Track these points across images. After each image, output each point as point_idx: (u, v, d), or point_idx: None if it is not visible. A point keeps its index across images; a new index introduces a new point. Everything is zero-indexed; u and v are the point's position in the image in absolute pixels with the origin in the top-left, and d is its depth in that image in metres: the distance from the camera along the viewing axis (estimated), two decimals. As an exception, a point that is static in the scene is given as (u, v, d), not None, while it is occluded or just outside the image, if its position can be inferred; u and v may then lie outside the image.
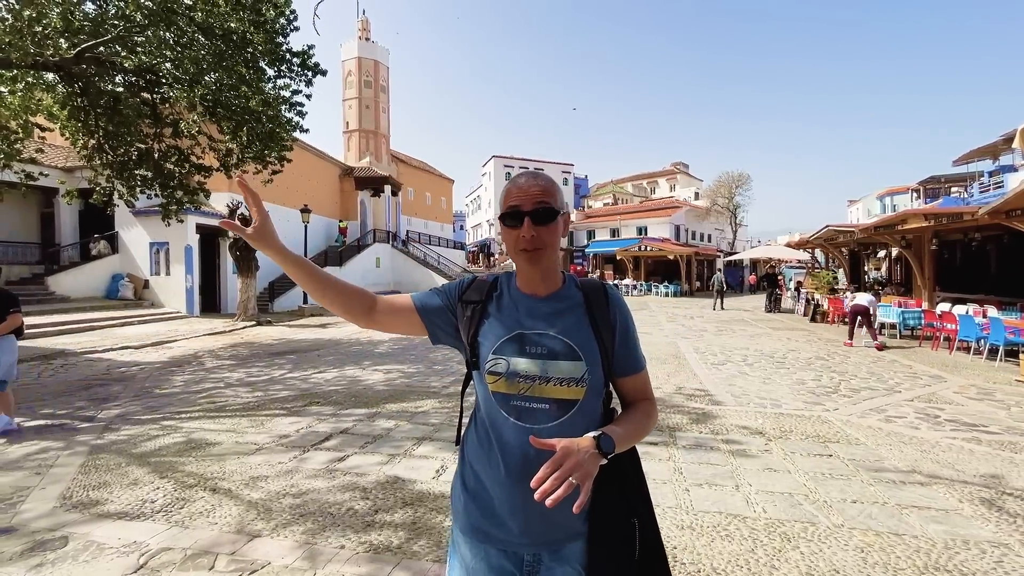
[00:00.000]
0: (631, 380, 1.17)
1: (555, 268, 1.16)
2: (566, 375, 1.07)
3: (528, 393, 1.08)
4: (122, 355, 9.88)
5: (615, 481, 1.07)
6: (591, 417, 1.10)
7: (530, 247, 1.08)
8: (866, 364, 8.17)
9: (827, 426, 4.81)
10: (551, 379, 1.08)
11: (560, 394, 1.07)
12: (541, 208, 1.08)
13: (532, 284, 1.16)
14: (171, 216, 10.17)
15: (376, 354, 9.41)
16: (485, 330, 1.14)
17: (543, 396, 1.07)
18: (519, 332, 1.11)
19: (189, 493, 3.33)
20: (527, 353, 1.09)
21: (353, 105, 34.90)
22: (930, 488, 3.41)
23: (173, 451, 4.17)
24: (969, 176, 28.13)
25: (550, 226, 1.09)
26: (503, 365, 1.10)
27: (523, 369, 1.09)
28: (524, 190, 1.09)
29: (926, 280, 13.00)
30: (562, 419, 1.07)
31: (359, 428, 4.75)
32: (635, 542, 1.05)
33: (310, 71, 8.65)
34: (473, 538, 1.12)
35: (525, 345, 1.10)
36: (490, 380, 1.11)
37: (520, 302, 1.15)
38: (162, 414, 5.42)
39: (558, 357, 1.08)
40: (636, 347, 1.18)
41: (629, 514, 1.07)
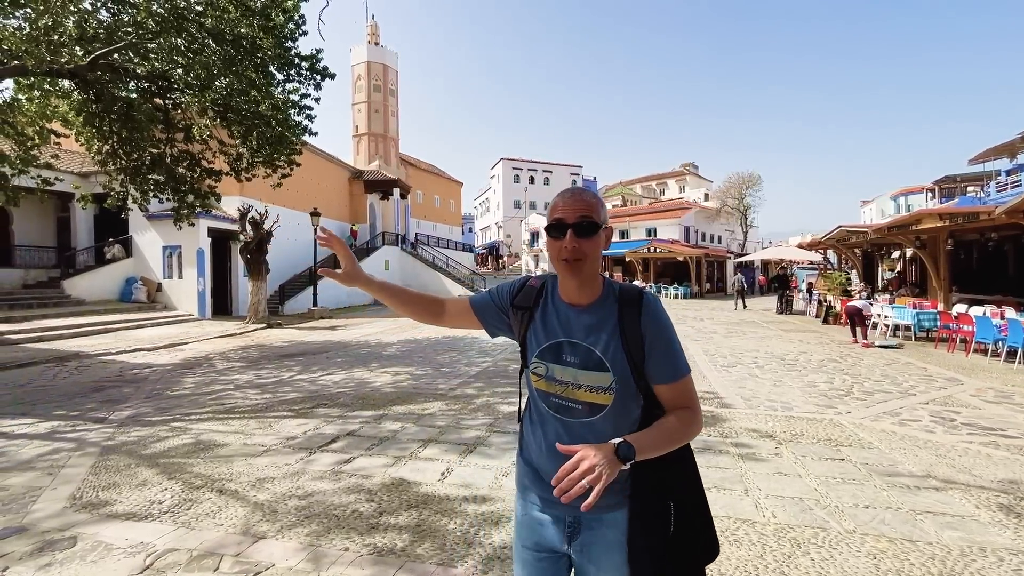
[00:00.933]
0: (666, 389, 1.21)
1: (594, 278, 1.23)
2: (595, 384, 1.18)
3: (563, 394, 1.22)
4: (135, 357, 10.00)
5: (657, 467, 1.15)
6: (623, 420, 1.20)
7: (571, 257, 1.16)
8: (880, 367, 8.04)
9: (839, 430, 4.73)
10: (582, 386, 1.19)
11: (590, 399, 1.19)
12: (584, 221, 1.16)
13: (571, 293, 1.24)
14: (183, 220, 10.31)
15: (384, 356, 9.43)
16: (531, 335, 1.28)
17: (576, 399, 1.20)
18: (556, 341, 1.23)
19: (196, 494, 3.35)
20: (563, 361, 1.21)
21: (362, 109, 35.15)
22: (945, 493, 3.33)
23: (182, 452, 4.20)
24: (986, 175, 27.62)
25: (592, 239, 1.17)
26: (543, 369, 1.24)
27: (559, 375, 1.22)
28: (569, 204, 1.18)
29: (941, 281, 12.77)
30: (592, 419, 1.20)
31: (365, 430, 4.75)
32: (670, 522, 1.15)
33: (319, 75, 8.73)
34: (524, 496, 1.31)
35: (562, 353, 1.22)
36: (534, 379, 1.26)
37: (560, 311, 1.25)
38: (172, 415, 5.47)
39: (588, 367, 1.19)
40: (669, 357, 1.20)
41: (665, 496, 1.16)
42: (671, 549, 1.16)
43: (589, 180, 61.95)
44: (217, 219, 17.79)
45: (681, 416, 1.19)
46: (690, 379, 1.22)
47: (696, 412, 1.21)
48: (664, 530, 1.15)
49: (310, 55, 8.58)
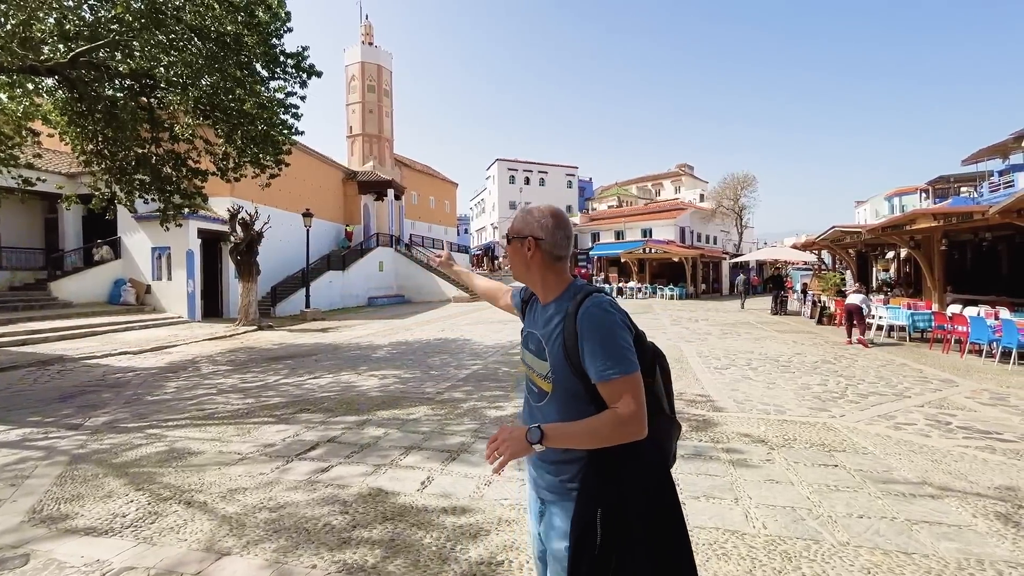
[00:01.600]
0: (598, 387, 1.24)
1: (541, 282, 1.40)
2: (539, 371, 1.36)
3: (529, 377, 1.43)
4: (120, 361, 9.82)
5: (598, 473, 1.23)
6: (566, 409, 1.30)
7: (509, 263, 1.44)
8: (874, 368, 7.95)
9: (833, 434, 4.62)
10: (534, 371, 1.39)
11: (539, 384, 1.37)
12: (508, 235, 1.43)
13: (538, 293, 1.44)
14: (169, 221, 10.13)
15: (373, 359, 9.28)
16: (523, 325, 1.51)
17: (534, 383, 1.40)
18: (528, 331, 1.46)
19: (162, 507, 3.20)
20: (528, 348, 1.43)
21: (356, 109, 34.95)
22: (942, 501, 3.22)
23: (153, 461, 4.05)
24: (979, 175, 27.71)
25: (510, 246, 1.43)
26: (521, 354, 1.50)
27: (526, 359, 1.45)
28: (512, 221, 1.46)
29: (936, 281, 12.72)
30: (540, 404, 1.37)
31: (347, 436, 4.61)
32: (596, 531, 1.17)
33: (305, 73, 8.57)
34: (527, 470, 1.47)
35: (528, 342, 1.44)
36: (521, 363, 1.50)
37: (536, 306, 1.45)
38: (149, 422, 5.31)
39: (537, 355, 1.37)
40: (596, 357, 1.22)
41: (594, 503, 1.21)
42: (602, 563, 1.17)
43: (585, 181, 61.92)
44: (207, 220, 17.59)
45: (607, 414, 1.20)
46: (624, 382, 1.20)
47: (626, 414, 1.18)
48: (589, 538, 1.18)
49: (296, 52, 8.42)
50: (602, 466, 1.23)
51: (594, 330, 1.24)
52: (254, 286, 15.88)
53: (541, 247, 1.36)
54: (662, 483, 1.25)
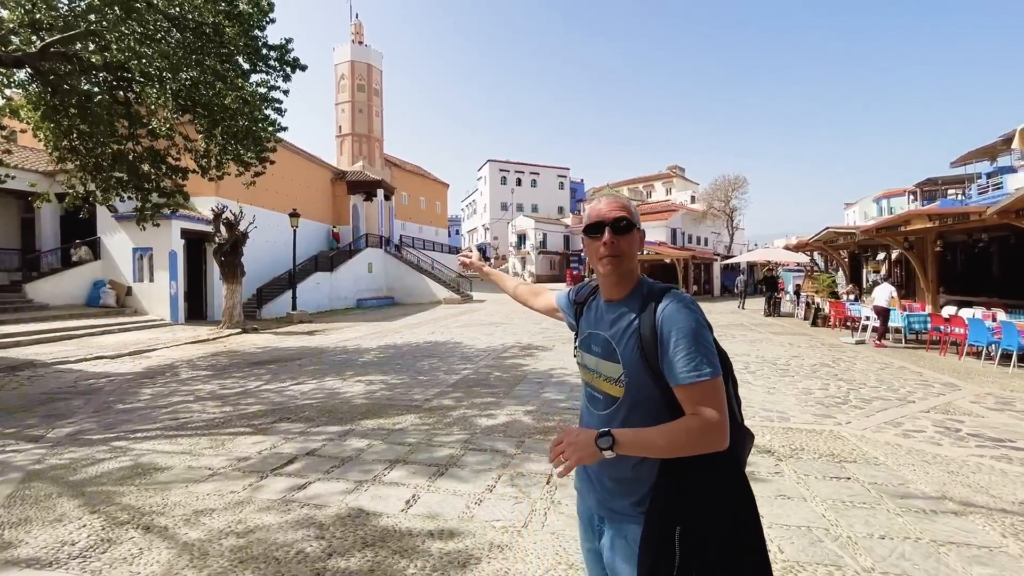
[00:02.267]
0: (678, 391, 1.14)
1: (630, 276, 1.28)
2: (608, 374, 1.24)
3: (592, 383, 1.32)
4: (95, 366, 9.41)
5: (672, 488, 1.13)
6: (637, 416, 1.20)
7: (609, 253, 1.24)
8: (874, 371, 7.79)
9: (841, 443, 4.41)
10: (601, 375, 1.26)
11: (607, 389, 1.25)
12: (622, 220, 1.24)
13: (607, 290, 1.31)
14: (147, 221, 9.74)
15: (360, 364, 8.96)
16: (580, 326, 1.39)
17: (599, 388, 1.28)
18: (590, 331, 1.34)
19: (118, 532, 2.89)
20: (591, 350, 1.31)
21: (346, 109, 34.52)
22: (966, 519, 3.00)
23: (115, 478, 3.73)
24: (967, 178, 27.93)
25: (627, 236, 1.25)
26: (579, 356, 1.36)
27: (587, 363, 1.32)
28: (606, 206, 1.27)
29: (929, 282, 12.66)
30: (608, 411, 1.25)
31: (327, 449, 4.31)
32: (674, 552, 1.08)
33: (289, 66, 8.24)
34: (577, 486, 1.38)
35: (591, 343, 1.31)
36: (578, 367, 1.38)
37: (599, 306, 1.33)
38: (116, 433, 4.97)
39: (606, 357, 1.25)
40: (679, 358, 1.12)
41: (671, 521, 1.10)
42: None
43: (576, 182, 61.87)
44: (191, 220, 17.14)
45: (687, 421, 1.10)
46: (709, 385, 1.10)
47: (709, 421, 1.08)
48: (667, 560, 1.09)
49: (280, 45, 8.09)
50: (679, 480, 1.13)
51: (679, 329, 1.14)
52: (239, 288, 15.46)
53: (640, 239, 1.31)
54: (742, 498, 1.15)
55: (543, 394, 6.29)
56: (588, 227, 1.27)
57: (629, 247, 1.25)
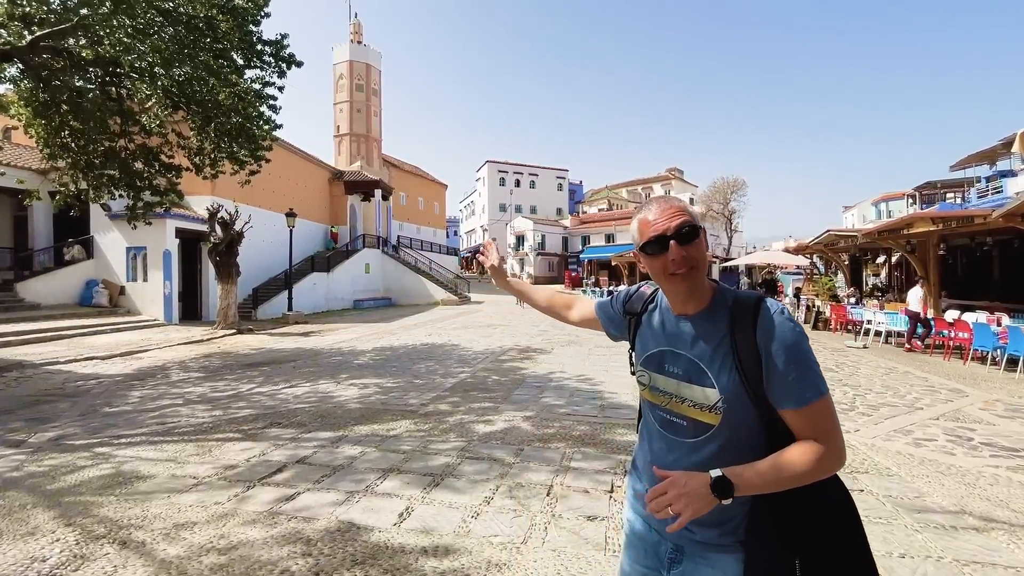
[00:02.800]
0: (791, 415, 1.02)
1: (703, 285, 1.11)
2: (699, 400, 1.08)
3: (668, 407, 1.14)
4: (84, 367, 9.22)
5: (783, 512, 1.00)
6: (734, 445, 1.06)
7: (680, 269, 1.06)
8: (879, 376, 7.65)
9: (851, 452, 4.26)
10: (685, 400, 1.10)
11: (695, 415, 1.09)
12: (685, 228, 1.06)
13: (678, 304, 1.14)
14: (139, 219, 9.55)
15: (355, 366, 8.79)
16: (637, 341, 1.23)
17: (681, 413, 1.11)
18: (659, 350, 1.16)
19: (92, 548, 2.72)
20: (665, 371, 1.14)
21: (344, 109, 34.37)
22: (988, 536, 2.86)
23: (94, 487, 3.56)
24: (966, 181, 27.92)
25: (696, 243, 1.07)
26: (646, 378, 1.18)
27: (661, 385, 1.15)
28: (663, 214, 1.08)
29: (931, 286, 12.54)
30: (698, 439, 1.09)
31: (319, 457, 4.14)
32: None
33: (284, 62, 8.07)
34: (633, 510, 1.24)
35: (664, 363, 1.14)
36: (640, 388, 1.21)
37: (667, 319, 1.17)
38: (100, 438, 4.79)
39: (692, 380, 1.09)
40: (792, 377, 1.00)
41: (788, 551, 0.99)
42: None
43: (575, 184, 61.82)
44: (186, 219, 16.96)
45: (805, 448, 0.98)
46: (823, 405, 1.00)
47: (830, 444, 0.99)
48: None
49: (275, 40, 7.93)
50: (794, 507, 1.00)
51: (788, 347, 1.02)
52: (234, 288, 15.28)
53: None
54: (855, 523, 1.03)
55: (542, 399, 6.13)
56: (646, 244, 1.09)
57: (700, 254, 1.08)
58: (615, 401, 6.02)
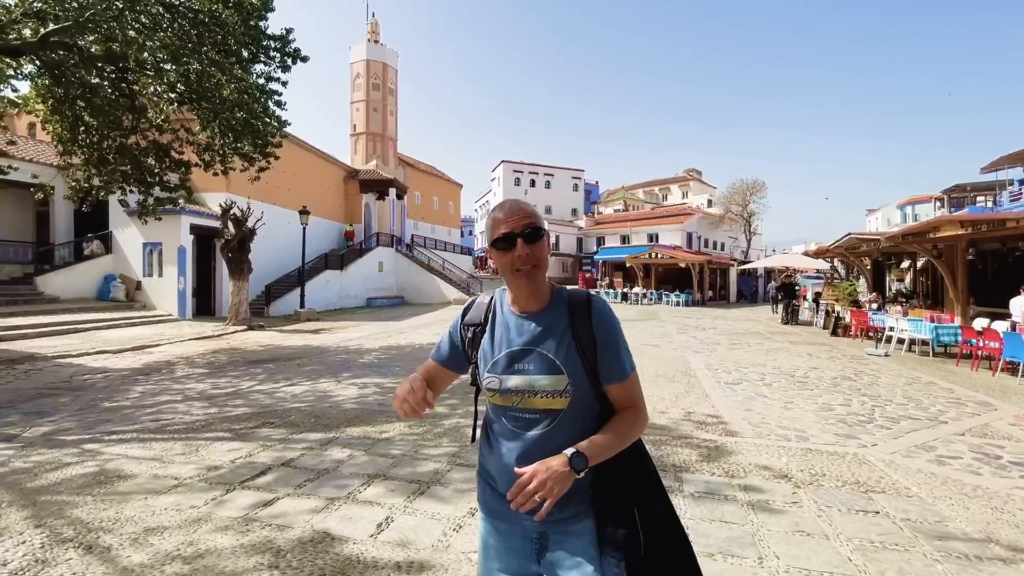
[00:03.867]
0: (616, 388, 1.22)
1: (544, 284, 1.24)
2: (550, 388, 1.18)
3: (519, 405, 1.22)
4: (95, 360, 9.31)
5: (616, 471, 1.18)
6: (579, 425, 1.20)
7: (525, 265, 1.19)
8: (900, 387, 7.28)
9: (867, 468, 3.98)
10: (537, 392, 1.19)
11: (546, 404, 1.19)
12: (530, 228, 1.18)
13: (523, 301, 1.25)
14: (149, 215, 9.62)
15: (359, 365, 8.71)
16: (482, 350, 1.29)
17: (532, 407, 1.20)
18: (508, 351, 1.23)
19: (56, 552, 2.62)
20: (515, 370, 1.22)
21: (361, 108, 34.54)
22: (1018, 568, 2.59)
23: (75, 486, 3.48)
24: (998, 184, 26.86)
25: (539, 243, 1.20)
26: (496, 382, 1.23)
27: (513, 385, 1.21)
28: (512, 216, 1.20)
29: (959, 292, 12.00)
30: (549, 427, 1.20)
31: (305, 459, 4.02)
32: (638, 530, 1.13)
33: (290, 57, 8.02)
34: (489, 519, 1.29)
35: (514, 363, 1.22)
36: (488, 395, 1.27)
37: (511, 322, 1.26)
38: (93, 434, 4.75)
39: (543, 371, 1.19)
40: (618, 356, 1.22)
41: (629, 502, 1.16)
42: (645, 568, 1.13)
43: (591, 184, 61.35)
44: (201, 216, 17.14)
45: (627, 417, 1.21)
46: (635, 378, 1.24)
47: (640, 410, 1.24)
48: (633, 538, 1.13)
49: (281, 35, 7.88)
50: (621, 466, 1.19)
51: (616, 330, 1.24)
52: (246, 284, 15.39)
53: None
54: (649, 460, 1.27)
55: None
56: (496, 239, 1.20)
57: (543, 254, 1.21)
58: (619, 407, 5.80)
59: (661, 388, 6.93)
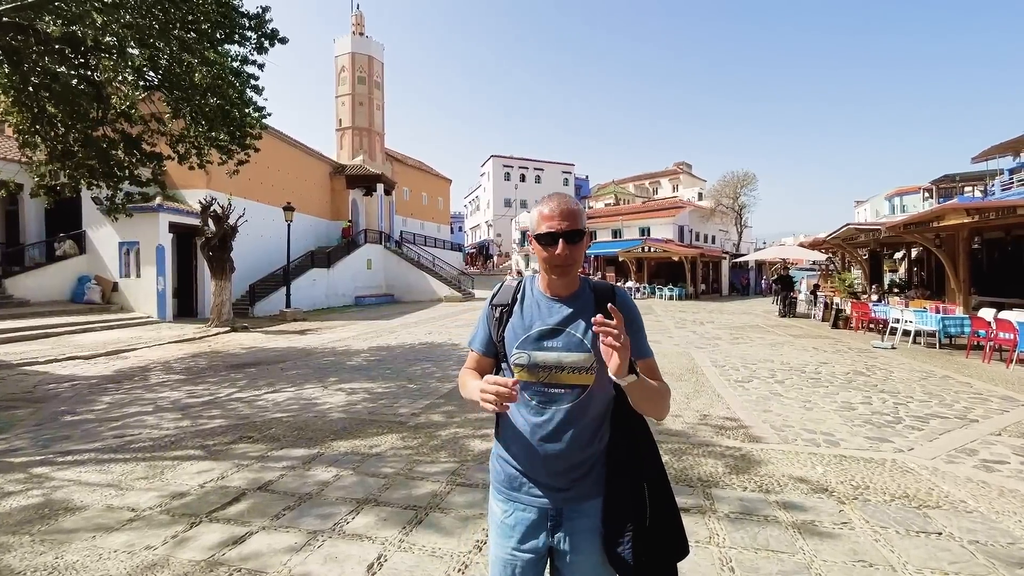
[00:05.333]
0: (641, 364, 1.27)
1: (577, 276, 1.36)
2: (577, 364, 1.27)
3: (547, 380, 1.29)
4: (64, 367, 8.71)
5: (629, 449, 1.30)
6: (602, 400, 1.32)
7: (563, 263, 1.28)
8: (916, 381, 6.97)
9: (911, 478, 3.61)
10: (565, 368, 1.28)
11: (573, 380, 1.28)
12: (574, 231, 1.27)
13: (555, 288, 1.35)
14: (118, 212, 8.98)
15: (347, 368, 8.21)
16: (511, 328, 1.36)
17: (560, 382, 1.29)
18: (538, 330, 1.32)
19: (-30, 616, 2.13)
20: (544, 347, 1.30)
21: (346, 102, 33.73)
22: (1124, 605, 2.21)
23: (12, 522, 2.98)
24: (988, 174, 26.89)
25: (579, 245, 1.29)
26: (525, 358, 1.31)
27: (542, 360, 1.29)
28: (558, 215, 1.27)
29: (961, 282, 11.78)
30: (576, 402, 1.28)
31: (285, 481, 3.55)
32: (645, 504, 1.26)
33: (267, 39, 7.45)
34: (507, 500, 1.35)
35: (543, 340, 1.31)
36: (516, 370, 1.32)
37: (541, 303, 1.36)
38: (45, 454, 4.23)
39: (571, 349, 1.28)
40: (641, 338, 1.31)
41: (638, 478, 1.28)
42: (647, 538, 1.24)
43: (581, 179, 60.97)
44: (180, 213, 16.45)
45: (662, 384, 1.29)
46: (654, 359, 1.34)
47: (666, 385, 1.31)
48: (640, 512, 1.25)
49: (256, 13, 7.29)
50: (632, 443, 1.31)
51: (635, 313, 1.33)
52: (228, 284, 14.74)
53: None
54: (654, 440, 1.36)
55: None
56: (540, 236, 1.28)
57: (580, 254, 1.30)
58: (629, 411, 5.39)
59: (670, 387, 6.53)
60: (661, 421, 1.40)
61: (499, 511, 1.36)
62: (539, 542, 1.30)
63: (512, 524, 1.32)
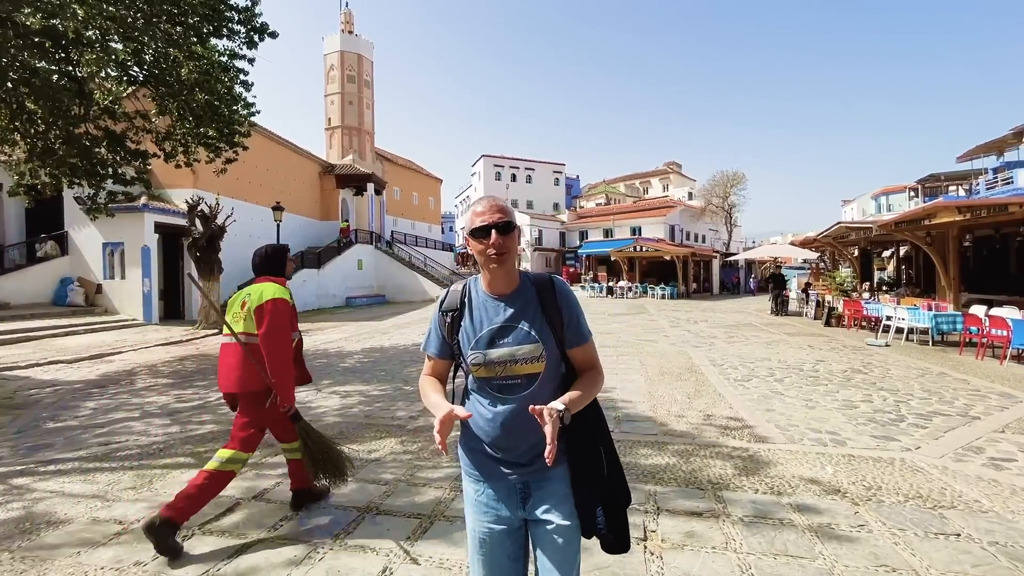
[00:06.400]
0: (579, 351, 1.48)
1: (514, 270, 1.47)
2: (529, 355, 1.41)
3: (503, 374, 1.41)
4: (46, 372, 8.45)
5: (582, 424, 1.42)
6: (553, 383, 1.46)
7: (497, 252, 1.39)
8: (914, 379, 6.97)
9: (923, 477, 3.56)
10: (519, 360, 1.41)
11: (527, 370, 1.41)
12: (503, 222, 1.39)
13: (497, 285, 1.46)
14: (100, 212, 8.72)
15: (340, 370, 8.04)
16: (463, 332, 1.46)
17: (515, 374, 1.41)
18: (489, 329, 1.43)
19: (-56, 644, 1.98)
20: (497, 344, 1.42)
21: (335, 100, 33.43)
22: None
23: (-10, 538, 2.81)
24: (972, 173, 27.33)
25: (510, 235, 1.41)
26: (480, 357, 1.42)
27: (497, 356, 1.41)
28: (488, 210, 1.41)
29: (951, 280, 11.89)
30: (531, 388, 1.42)
31: (282, 489, 3.40)
32: (602, 463, 1.45)
33: (256, 33, 7.25)
34: (478, 481, 1.48)
35: (495, 339, 1.42)
36: (473, 370, 1.44)
37: (487, 305, 1.46)
38: (27, 463, 4.04)
39: (521, 343, 1.41)
40: (580, 325, 1.49)
41: (596, 445, 1.46)
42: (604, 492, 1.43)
43: (572, 178, 61.01)
44: (166, 213, 16.13)
45: (591, 375, 1.48)
46: (592, 342, 1.51)
47: (599, 369, 1.51)
48: (599, 472, 1.43)
49: (245, 7, 7.10)
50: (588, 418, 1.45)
51: (572, 302, 1.49)
52: (216, 285, 14.46)
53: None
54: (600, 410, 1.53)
55: (548, 409, 5.41)
56: (474, 231, 1.40)
57: (513, 244, 1.41)
58: (631, 412, 5.30)
59: (670, 387, 6.46)
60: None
61: (472, 491, 1.49)
62: (512, 515, 1.44)
63: (485, 501, 1.45)
